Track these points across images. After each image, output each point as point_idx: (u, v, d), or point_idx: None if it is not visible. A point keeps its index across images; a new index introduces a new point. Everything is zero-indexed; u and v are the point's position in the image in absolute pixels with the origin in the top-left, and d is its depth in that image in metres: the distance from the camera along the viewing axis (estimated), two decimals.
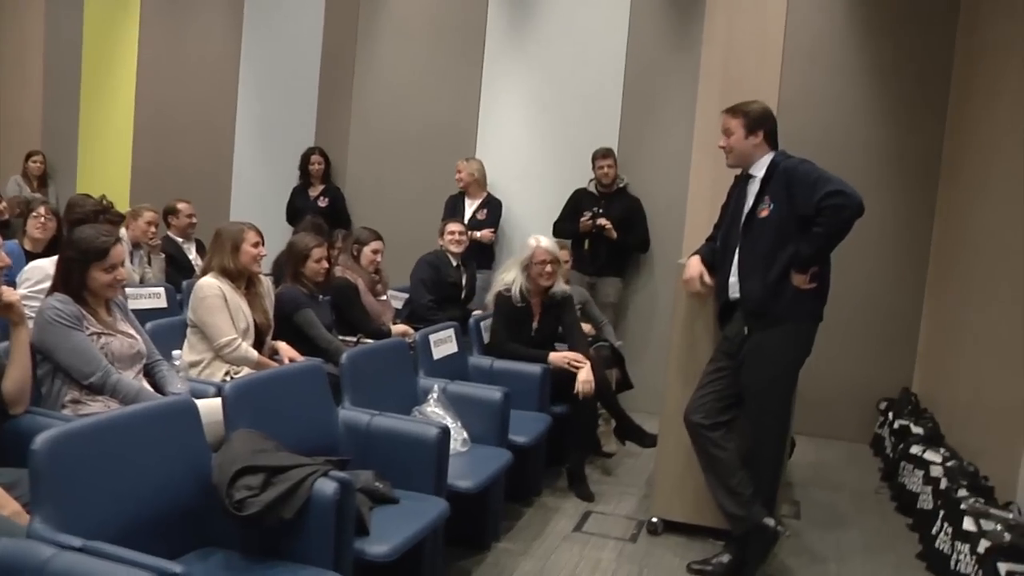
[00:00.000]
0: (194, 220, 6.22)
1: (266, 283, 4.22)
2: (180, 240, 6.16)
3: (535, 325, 4.87)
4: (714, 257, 3.88)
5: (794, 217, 3.53)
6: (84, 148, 8.42)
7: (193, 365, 3.86)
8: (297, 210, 7.11)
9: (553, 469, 4.82)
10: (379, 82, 7.37)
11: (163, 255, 5.90)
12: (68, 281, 3.15)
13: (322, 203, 7.12)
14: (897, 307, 6.21)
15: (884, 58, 6.19)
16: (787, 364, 3.69)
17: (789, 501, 4.73)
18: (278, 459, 2.57)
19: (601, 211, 6.29)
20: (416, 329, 4.97)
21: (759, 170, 3.68)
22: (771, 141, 3.73)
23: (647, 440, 4.74)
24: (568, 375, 4.60)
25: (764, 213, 3.62)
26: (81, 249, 3.14)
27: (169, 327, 3.92)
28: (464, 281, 5.81)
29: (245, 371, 3.79)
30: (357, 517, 2.66)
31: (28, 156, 7.99)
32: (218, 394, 3.35)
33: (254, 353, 3.90)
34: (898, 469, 4.99)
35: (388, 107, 7.34)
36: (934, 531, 4.03)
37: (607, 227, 6.25)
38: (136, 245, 5.84)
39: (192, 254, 6.20)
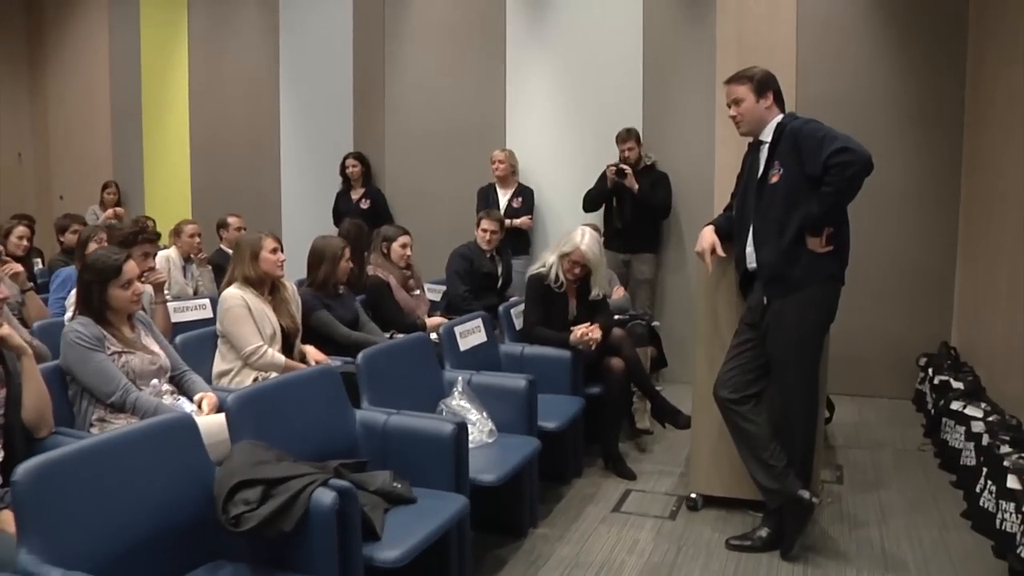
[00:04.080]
0: (243, 232, 6.07)
1: (290, 287, 4.02)
2: (231, 252, 6.01)
3: (572, 310, 4.50)
4: (730, 226, 3.55)
5: (804, 179, 3.19)
6: (149, 173, 8.35)
7: (224, 374, 3.69)
8: (341, 214, 6.93)
9: (594, 448, 4.51)
10: (409, 84, 7.13)
11: (209, 267, 5.77)
12: (89, 303, 3.08)
13: (364, 205, 6.93)
14: (930, 261, 5.75)
15: (898, 13, 5.72)
16: (810, 330, 3.33)
17: (831, 465, 4.37)
18: (278, 470, 2.33)
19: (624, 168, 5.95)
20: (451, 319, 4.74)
21: (768, 135, 3.36)
22: (780, 102, 3.40)
23: (682, 420, 4.35)
24: (599, 356, 4.32)
25: (775, 178, 3.29)
26: (96, 270, 3.07)
27: (198, 338, 3.72)
28: (500, 270, 5.53)
29: (274, 376, 3.58)
30: (366, 523, 2.42)
31: (104, 187, 8.00)
32: None
33: (281, 358, 3.70)
34: (940, 425, 4.57)
35: (419, 107, 7.10)
36: (978, 489, 3.64)
37: (628, 173, 5.89)
38: (187, 259, 5.73)
39: None
